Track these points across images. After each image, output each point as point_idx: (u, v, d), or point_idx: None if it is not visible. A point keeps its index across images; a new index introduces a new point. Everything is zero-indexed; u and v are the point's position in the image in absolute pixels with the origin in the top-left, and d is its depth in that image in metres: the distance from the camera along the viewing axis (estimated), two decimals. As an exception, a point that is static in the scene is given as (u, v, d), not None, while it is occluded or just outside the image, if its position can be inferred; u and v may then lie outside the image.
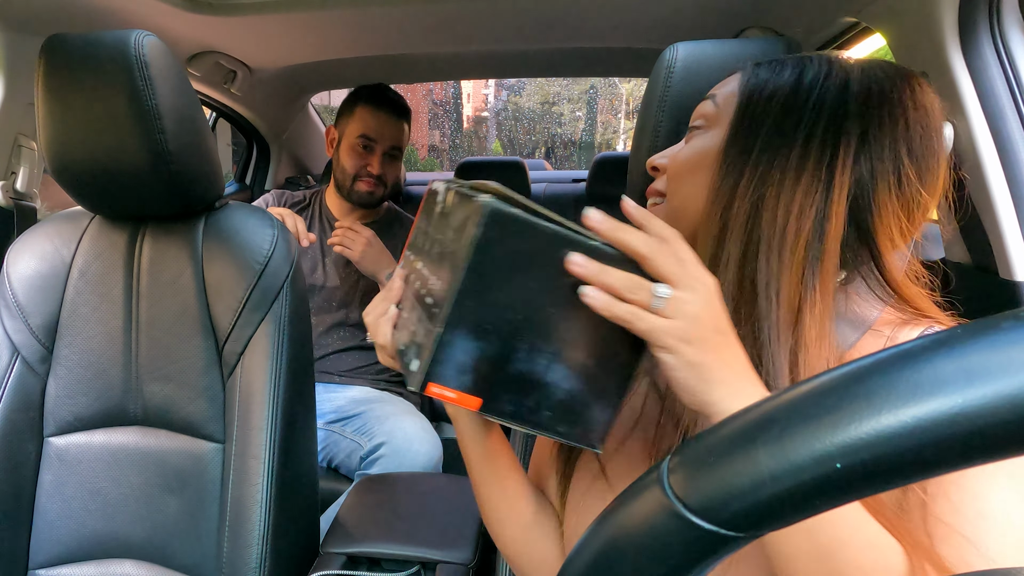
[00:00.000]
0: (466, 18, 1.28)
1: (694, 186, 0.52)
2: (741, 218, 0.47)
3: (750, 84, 0.50)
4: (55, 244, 0.88)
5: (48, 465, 0.86)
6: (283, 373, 0.83)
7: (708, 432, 0.23)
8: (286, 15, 1.19)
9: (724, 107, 0.52)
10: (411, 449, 1.23)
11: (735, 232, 0.47)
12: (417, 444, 1.24)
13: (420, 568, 0.82)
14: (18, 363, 0.86)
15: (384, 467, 1.21)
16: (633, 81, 12.50)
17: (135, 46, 0.75)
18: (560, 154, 17.00)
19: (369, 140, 1.48)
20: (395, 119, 1.51)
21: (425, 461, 1.24)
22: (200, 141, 0.83)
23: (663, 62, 0.64)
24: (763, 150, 0.47)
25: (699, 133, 0.54)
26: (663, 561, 0.22)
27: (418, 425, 1.29)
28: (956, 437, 0.18)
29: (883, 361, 0.20)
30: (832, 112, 0.46)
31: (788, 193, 0.46)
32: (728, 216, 0.48)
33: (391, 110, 1.51)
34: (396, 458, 1.22)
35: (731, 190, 0.48)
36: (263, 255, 0.85)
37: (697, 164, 0.52)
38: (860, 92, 0.46)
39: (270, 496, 0.80)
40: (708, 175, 0.51)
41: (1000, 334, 0.19)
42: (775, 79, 0.49)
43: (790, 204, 0.46)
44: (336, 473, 1.34)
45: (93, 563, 0.85)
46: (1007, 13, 0.76)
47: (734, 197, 0.48)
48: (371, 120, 1.49)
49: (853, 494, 0.20)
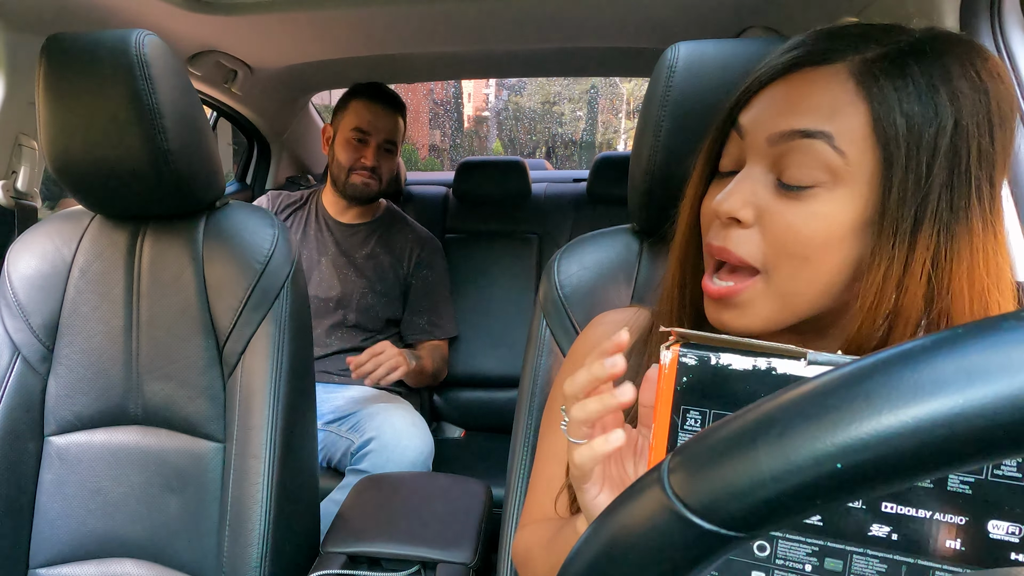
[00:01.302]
0: (467, 18, 1.28)
1: (824, 264, 0.42)
2: (918, 302, 0.40)
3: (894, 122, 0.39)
4: (56, 243, 0.88)
5: (48, 464, 0.86)
6: (283, 373, 0.83)
7: (709, 432, 0.23)
8: (287, 14, 1.19)
9: (855, 157, 0.40)
10: (400, 444, 1.23)
11: (912, 316, 0.40)
12: (406, 439, 1.24)
13: (420, 568, 0.82)
14: (19, 362, 0.86)
15: (373, 462, 1.21)
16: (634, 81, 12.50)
17: (136, 45, 0.75)
18: (561, 154, 16.99)
19: (363, 133, 1.48)
20: (389, 112, 1.51)
21: (414, 456, 1.23)
22: (201, 141, 0.83)
23: (664, 62, 0.64)
24: (935, 210, 0.39)
25: (820, 193, 0.41)
26: (663, 561, 0.22)
27: (408, 421, 1.29)
28: (956, 437, 0.18)
29: (883, 361, 0.20)
30: (983, 149, 0.39)
31: (973, 255, 0.39)
32: (902, 301, 0.40)
33: (385, 103, 1.51)
34: (385, 453, 1.21)
35: (903, 267, 0.40)
36: (264, 255, 0.85)
37: (831, 238, 0.41)
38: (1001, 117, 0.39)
39: (270, 495, 0.80)
40: (846, 251, 0.41)
41: (1000, 334, 0.19)
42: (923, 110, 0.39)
43: (974, 270, 0.40)
44: (330, 470, 1.34)
45: (93, 562, 0.85)
46: (1008, 13, 0.76)
47: (906, 274, 0.40)
48: (365, 113, 1.49)
49: (853, 494, 0.20)
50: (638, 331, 0.57)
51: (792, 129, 0.42)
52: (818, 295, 0.43)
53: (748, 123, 0.45)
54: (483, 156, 3.75)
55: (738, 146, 0.46)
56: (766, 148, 0.43)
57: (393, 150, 1.54)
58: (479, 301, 1.78)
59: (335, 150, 1.51)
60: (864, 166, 0.40)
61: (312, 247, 1.51)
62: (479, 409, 1.74)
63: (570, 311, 0.70)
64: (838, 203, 0.41)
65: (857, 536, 0.36)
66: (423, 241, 1.59)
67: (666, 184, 0.65)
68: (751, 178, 0.44)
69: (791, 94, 0.43)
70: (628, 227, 0.76)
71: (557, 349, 0.71)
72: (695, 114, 0.62)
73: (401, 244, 1.56)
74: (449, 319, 1.60)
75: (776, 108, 0.43)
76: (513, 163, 1.90)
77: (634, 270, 0.72)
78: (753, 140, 0.44)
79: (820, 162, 0.41)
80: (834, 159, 0.40)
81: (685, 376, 0.38)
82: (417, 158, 15.47)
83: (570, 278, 0.72)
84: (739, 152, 0.46)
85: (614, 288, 0.71)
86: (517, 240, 1.85)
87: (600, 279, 0.71)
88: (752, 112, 0.45)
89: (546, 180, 2.08)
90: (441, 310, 1.58)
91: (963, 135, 0.39)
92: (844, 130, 0.40)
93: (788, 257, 0.42)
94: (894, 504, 0.35)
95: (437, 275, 1.59)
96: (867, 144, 0.40)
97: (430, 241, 1.61)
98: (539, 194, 1.94)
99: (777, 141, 0.42)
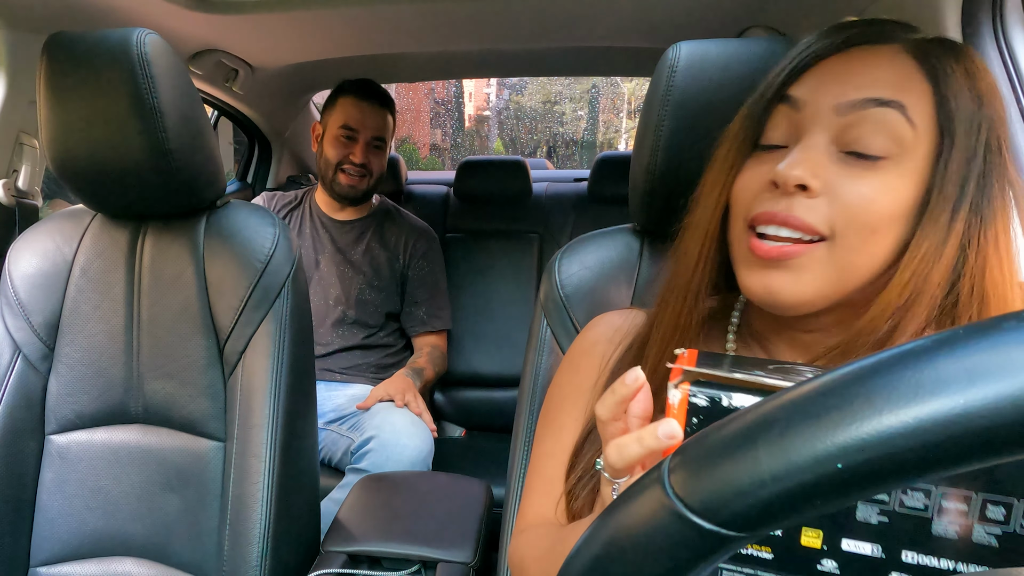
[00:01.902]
0: (468, 17, 1.28)
1: (884, 239, 0.42)
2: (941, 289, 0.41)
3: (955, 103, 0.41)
4: (57, 242, 0.89)
5: (49, 463, 0.86)
6: (284, 372, 0.83)
7: (709, 432, 0.23)
8: (288, 14, 1.19)
9: (920, 132, 0.41)
10: (399, 443, 1.22)
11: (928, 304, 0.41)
12: (406, 438, 1.23)
13: (421, 567, 0.82)
14: (20, 361, 0.86)
15: (373, 461, 1.21)
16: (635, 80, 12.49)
17: (137, 44, 0.75)
18: (562, 153, 16.98)
19: (351, 130, 1.48)
20: (378, 109, 1.50)
21: (414, 455, 1.23)
22: (202, 140, 0.83)
23: (665, 61, 0.63)
24: (973, 196, 0.41)
25: (888, 166, 0.41)
26: (663, 560, 0.22)
27: (408, 419, 1.28)
28: (957, 438, 0.18)
29: (884, 361, 0.20)
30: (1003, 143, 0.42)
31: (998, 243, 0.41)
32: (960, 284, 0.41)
33: (373, 100, 1.50)
34: (384, 451, 1.21)
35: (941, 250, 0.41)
36: (265, 254, 0.85)
37: (896, 213, 0.41)
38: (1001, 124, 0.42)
39: (271, 494, 0.80)
40: (905, 226, 0.42)
41: (1001, 334, 0.18)
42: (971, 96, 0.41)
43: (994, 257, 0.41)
44: (330, 469, 1.34)
45: (94, 561, 0.86)
46: (1010, 13, 0.76)
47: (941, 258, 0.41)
48: (353, 110, 1.48)
49: (854, 494, 0.20)
50: (634, 333, 0.57)
51: (866, 97, 0.42)
52: (871, 273, 0.43)
53: (806, 95, 0.44)
54: (484, 155, 3.75)
55: (790, 119, 0.45)
56: (832, 118, 0.43)
57: (382, 146, 1.53)
58: (480, 300, 1.78)
59: (323, 148, 1.51)
60: (924, 143, 0.41)
61: (309, 246, 1.51)
62: (479, 409, 1.74)
63: (571, 311, 0.70)
64: (904, 178, 0.41)
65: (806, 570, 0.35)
66: (419, 232, 1.58)
67: (667, 183, 0.65)
68: (815, 148, 0.43)
69: (854, 67, 0.43)
70: (629, 226, 0.76)
71: (558, 349, 0.71)
72: (696, 114, 0.62)
73: (396, 238, 1.55)
74: (446, 310, 1.59)
75: (841, 79, 0.43)
76: (514, 162, 1.90)
77: (635, 269, 0.72)
78: (815, 111, 0.44)
79: (893, 132, 0.41)
80: (906, 131, 0.41)
81: (695, 417, 0.37)
82: (418, 157, 15.47)
83: (571, 278, 0.72)
84: (791, 125, 0.45)
85: (615, 287, 0.71)
86: (518, 239, 1.85)
87: (601, 278, 0.71)
88: (810, 84, 0.44)
89: (547, 179, 2.08)
90: (439, 301, 1.57)
91: (993, 126, 0.41)
92: (913, 104, 0.41)
93: (859, 227, 0.42)
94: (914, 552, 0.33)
95: (433, 266, 1.58)
96: (931, 122, 0.41)
97: (425, 232, 1.60)
98: (540, 193, 1.93)
99: (847, 110, 0.42)
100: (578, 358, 0.59)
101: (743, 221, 0.46)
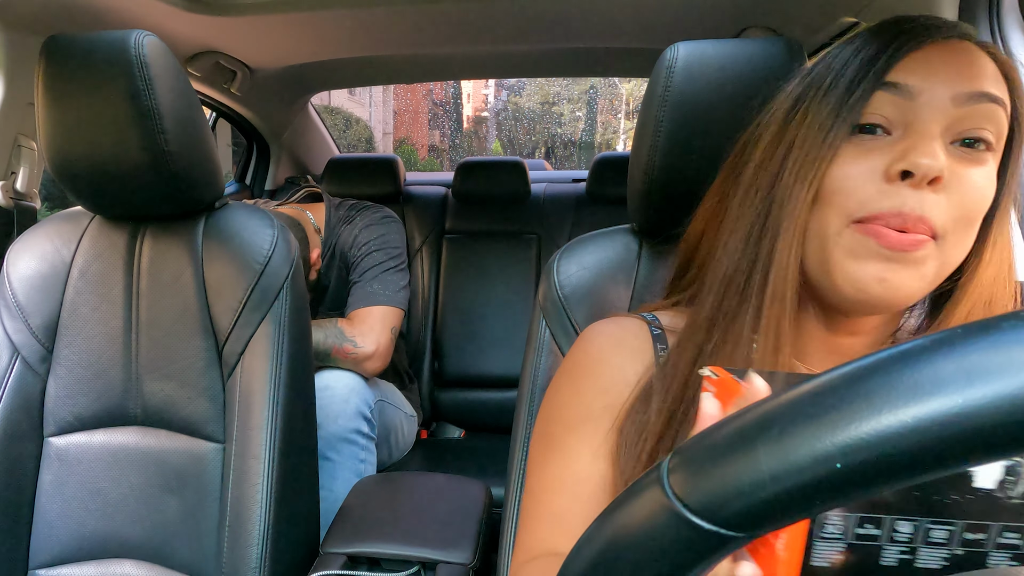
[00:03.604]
0: (466, 18, 1.28)
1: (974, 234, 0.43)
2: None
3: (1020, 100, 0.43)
4: (55, 244, 0.88)
5: (48, 465, 0.86)
6: (283, 373, 0.83)
7: (708, 432, 0.23)
8: (286, 15, 1.19)
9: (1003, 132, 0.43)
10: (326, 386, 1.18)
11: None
12: (331, 381, 1.19)
13: (420, 568, 0.82)
14: (18, 363, 0.86)
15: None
16: (633, 81, 12.51)
17: (135, 46, 0.75)
18: (560, 154, 17.01)
19: None
20: None
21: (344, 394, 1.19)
22: (200, 141, 0.83)
23: (664, 62, 0.63)
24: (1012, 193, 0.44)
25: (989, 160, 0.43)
26: (663, 561, 0.22)
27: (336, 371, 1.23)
28: (956, 437, 0.18)
29: (883, 361, 0.20)
30: None
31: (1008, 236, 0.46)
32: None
33: None
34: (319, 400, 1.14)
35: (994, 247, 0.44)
36: (263, 255, 0.85)
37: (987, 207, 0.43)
38: None
39: (270, 496, 0.80)
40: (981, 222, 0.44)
41: (1000, 334, 0.18)
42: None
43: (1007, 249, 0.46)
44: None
45: (93, 563, 0.85)
46: (1007, 13, 0.76)
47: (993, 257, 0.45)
48: None
49: (853, 494, 0.20)
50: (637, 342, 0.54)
51: (981, 91, 0.42)
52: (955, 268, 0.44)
53: (919, 82, 0.42)
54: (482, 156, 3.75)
55: (896, 106, 0.43)
56: (949, 108, 0.42)
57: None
58: (479, 301, 1.78)
59: None
60: (1001, 142, 0.43)
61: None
62: (479, 409, 1.74)
63: (569, 311, 0.70)
64: (994, 173, 0.43)
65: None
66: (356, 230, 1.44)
67: (666, 184, 0.65)
68: (935, 137, 0.42)
69: (960, 59, 0.42)
70: (627, 227, 0.76)
71: (557, 349, 0.71)
72: (695, 114, 0.62)
73: (342, 255, 1.45)
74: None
75: (952, 69, 0.42)
76: (512, 163, 1.90)
77: (634, 270, 0.72)
78: (931, 98, 0.42)
79: (998, 127, 0.42)
80: (1004, 128, 0.42)
81: None
82: (416, 158, 15.47)
83: (569, 278, 0.72)
84: (896, 111, 0.43)
85: (614, 288, 0.71)
86: (516, 240, 1.85)
87: (600, 279, 0.71)
88: (918, 72, 0.43)
89: (545, 180, 2.08)
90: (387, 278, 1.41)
91: None
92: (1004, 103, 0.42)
93: (964, 222, 0.42)
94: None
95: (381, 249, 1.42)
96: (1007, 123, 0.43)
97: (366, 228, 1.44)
98: (538, 194, 1.94)
99: (964, 101, 0.42)
100: (580, 378, 0.55)
101: (845, 215, 0.43)
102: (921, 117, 0.42)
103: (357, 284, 1.38)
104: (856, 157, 0.43)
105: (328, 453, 1.18)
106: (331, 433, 1.18)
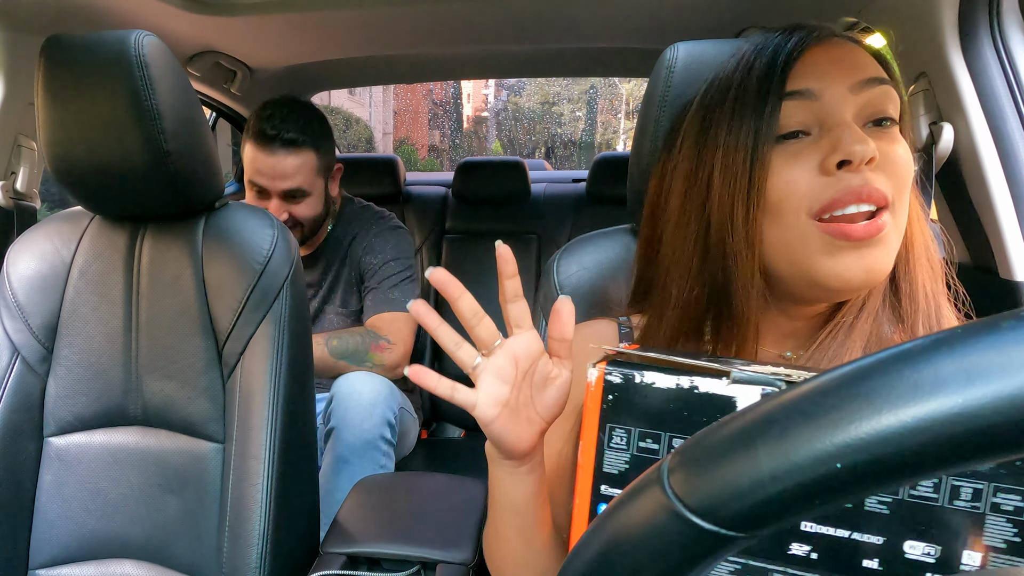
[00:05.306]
0: (466, 18, 1.28)
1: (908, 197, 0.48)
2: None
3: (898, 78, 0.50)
4: (55, 244, 0.88)
5: (48, 465, 0.86)
6: (283, 373, 0.83)
7: (708, 432, 0.23)
8: (286, 15, 1.19)
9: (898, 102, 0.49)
10: (354, 390, 1.19)
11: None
12: (359, 385, 1.20)
13: (420, 568, 0.82)
14: (18, 363, 0.86)
15: (337, 415, 1.18)
16: (633, 81, 12.51)
17: (135, 46, 0.75)
18: (560, 154, 17.02)
19: (259, 185, 1.28)
20: (287, 153, 1.25)
21: (372, 397, 1.19)
22: (200, 141, 0.83)
23: (663, 62, 0.64)
24: None
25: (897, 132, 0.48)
26: (663, 561, 0.22)
27: (364, 375, 1.23)
28: (956, 437, 0.18)
29: (883, 361, 0.20)
30: None
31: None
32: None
33: (281, 144, 1.24)
34: (343, 402, 1.18)
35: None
36: (263, 255, 0.85)
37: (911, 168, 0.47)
38: None
39: (270, 496, 0.80)
40: None
41: (1000, 334, 0.18)
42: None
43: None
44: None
45: (93, 563, 0.85)
46: (1007, 13, 0.76)
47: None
48: (257, 161, 1.26)
49: (853, 494, 0.20)
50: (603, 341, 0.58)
51: (872, 76, 0.46)
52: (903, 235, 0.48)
53: (816, 84, 0.47)
54: (482, 156, 3.75)
55: (804, 108, 0.47)
56: (850, 97, 0.46)
57: (302, 195, 1.29)
58: (478, 301, 1.77)
59: (247, 196, 1.33)
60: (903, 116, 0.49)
61: None
62: (479, 409, 1.73)
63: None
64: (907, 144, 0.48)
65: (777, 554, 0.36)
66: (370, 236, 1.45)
67: (665, 184, 0.65)
68: (851, 124, 0.46)
69: (842, 54, 0.47)
70: (627, 227, 0.76)
71: (557, 349, 0.71)
72: None
73: (352, 258, 1.45)
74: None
75: (838, 65, 0.47)
76: (512, 163, 1.91)
77: (633, 270, 0.72)
78: (833, 94, 0.46)
79: (895, 104, 0.47)
80: (899, 103, 0.47)
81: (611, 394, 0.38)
82: (416, 158, 15.48)
83: (569, 278, 0.72)
84: (808, 114, 0.47)
85: (614, 288, 0.71)
86: (516, 240, 1.85)
87: (600, 279, 0.71)
88: (811, 75, 0.47)
89: (545, 180, 2.08)
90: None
91: None
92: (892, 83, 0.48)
93: (904, 188, 0.46)
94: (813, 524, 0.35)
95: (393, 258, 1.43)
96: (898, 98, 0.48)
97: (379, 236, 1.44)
98: (538, 194, 1.94)
99: (861, 88, 0.46)
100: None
101: (804, 214, 0.46)
102: (832, 112, 0.46)
103: (375, 290, 1.41)
104: (788, 162, 0.46)
105: (350, 457, 1.18)
106: (356, 437, 1.18)
